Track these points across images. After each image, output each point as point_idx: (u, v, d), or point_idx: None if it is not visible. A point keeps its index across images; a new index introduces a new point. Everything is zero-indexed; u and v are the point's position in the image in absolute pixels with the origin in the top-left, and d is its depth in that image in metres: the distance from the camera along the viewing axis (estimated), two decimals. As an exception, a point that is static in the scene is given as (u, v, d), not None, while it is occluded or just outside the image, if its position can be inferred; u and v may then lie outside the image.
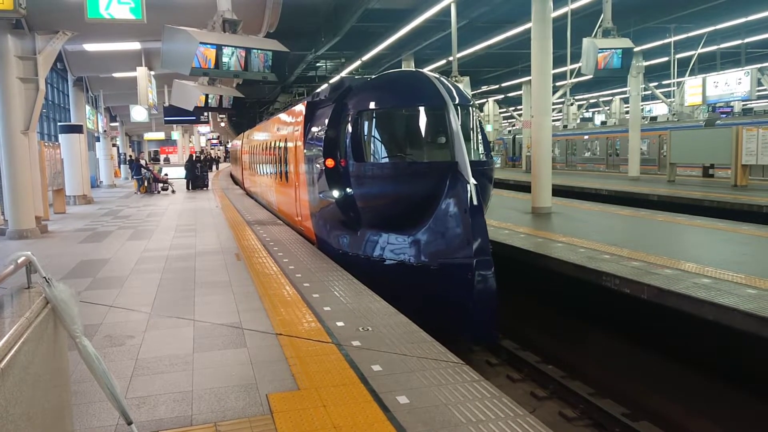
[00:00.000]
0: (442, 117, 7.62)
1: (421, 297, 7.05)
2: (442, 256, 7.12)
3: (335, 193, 8.30)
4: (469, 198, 6.82)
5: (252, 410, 3.77)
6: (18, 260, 2.73)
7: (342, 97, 8.72)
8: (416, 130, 8.15)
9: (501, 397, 3.83)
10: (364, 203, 8.09)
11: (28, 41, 12.34)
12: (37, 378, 2.42)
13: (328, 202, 8.67)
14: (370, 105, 8.20)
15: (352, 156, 8.05)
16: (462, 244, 6.82)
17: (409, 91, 8.28)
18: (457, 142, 7.32)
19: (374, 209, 8.07)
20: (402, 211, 7.65)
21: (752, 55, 31.00)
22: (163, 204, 19.54)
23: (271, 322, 5.62)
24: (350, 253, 8.34)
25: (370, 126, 8.18)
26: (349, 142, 8.11)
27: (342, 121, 8.38)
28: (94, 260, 9.41)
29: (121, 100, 26.99)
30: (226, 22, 8.77)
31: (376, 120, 8.18)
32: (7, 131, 12.03)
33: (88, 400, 3.93)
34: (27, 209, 12.32)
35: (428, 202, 7.31)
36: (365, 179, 8.03)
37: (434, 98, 7.77)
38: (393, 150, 8.28)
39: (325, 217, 9.16)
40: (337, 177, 8.27)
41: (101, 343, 5.18)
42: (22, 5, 9.48)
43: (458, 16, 16.92)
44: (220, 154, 70.92)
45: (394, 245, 7.76)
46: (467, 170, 7.03)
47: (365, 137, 8.15)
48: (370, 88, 8.76)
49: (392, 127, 8.41)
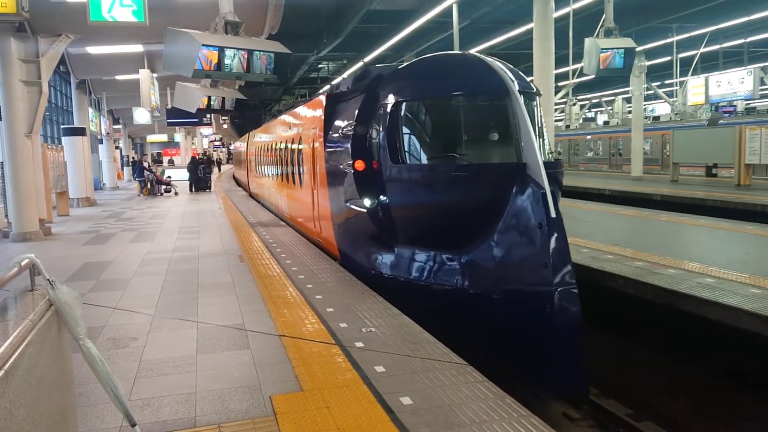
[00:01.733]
0: (503, 108, 6.24)
1: (478, 332, 5.74)
2: (509, 282, 5.66)
3: (366, 202, 6.96)
4: (545, 209, 5.37)
5: (255, 412, 3.77)
6: (21, 263, 2.73)
7: (373, 86, 7.38)
8: (471, 123, 6.71)
9: (505, 398, 3.82)
10: (403, 214, 6.80)
11: (31, 44, 12.38)
12: (41, 380, 2.42)
13: (356, 211, 7.30)
14: (411, 94, 6.83)
15: (389, 156, 6.75)
16: (537, 267, 5.33)
17: (461, 76, 6.73)
18: (525, 139, 5.93)
19: (416, 222, 6.74)
20: (452, 225, 6.31)
21: (755, 54, 30.96)
22: (166, 206, 19.57)
23: (274, 323, 5.62)
24: (386, 274, 6.88)
25: (412, 119, 6.86)
26: (384, 139, 6.81)
27: (374, 114, 7.08)
28: (97, 262, 9.42)
29: (123, 102, 27.06)
30: (228, 24, 8.78)
31: (420, 112, 6.90)
32: (11, 134, 12.07)
33: (92, 402, 3.93)
34: (30, 212, 12.35)
35: (487, 214, 5.92)
36: (405, 185, 6.71)
37: (494, 84, 6.31)
38: (441, 149, 6.75)
39: (353, 230, 7.75)
40: (369, 182, 6.96)
41: (105, 345, 5.19)
42: (25, 8, 9.49)
43: (460, 16, 16.92)
44: (223, 156, 71.00)
45: (443, 267, 6.35)
46: (541, 174, 5.58)
47: (405, 133, 6.81)
48: (411, 74, 7.26)
49: (440, 121, 6.93)
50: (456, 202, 6.22)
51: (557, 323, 5.16)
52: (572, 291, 5.21)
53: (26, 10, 9.56)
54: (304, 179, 10.49)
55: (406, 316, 5.66)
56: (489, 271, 5.91)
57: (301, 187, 10.90)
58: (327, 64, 32.86)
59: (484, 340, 5.62)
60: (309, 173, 9.85)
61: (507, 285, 5.67)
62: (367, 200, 6.97)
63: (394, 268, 6.82)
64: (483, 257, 5.98)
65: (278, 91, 37.89)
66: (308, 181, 9.99)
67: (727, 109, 31.70)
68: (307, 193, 10.20)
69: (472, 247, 6.09)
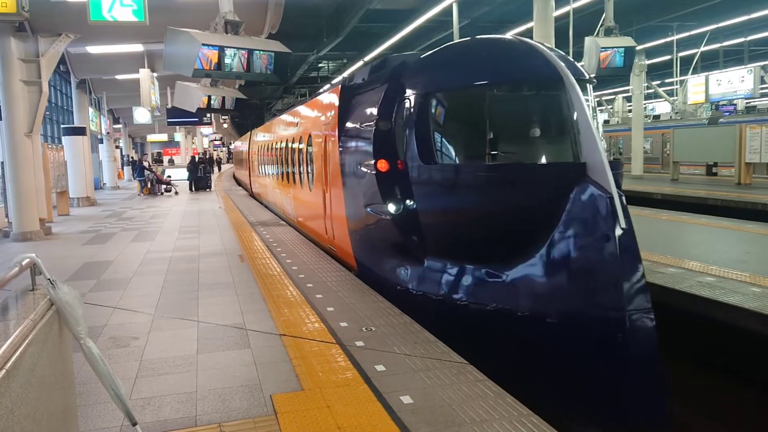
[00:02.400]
0: (556, 98, 5.43)
1: (524, 361, 4.95)
2: (567, 304, 4.79)
3: (391, 207, 6.19)
4: (613, 217, 4.54)
5: (256, 411, 3.77)
6: (22, 262, 2.74)
7: (396, 75, 6.63)
8: (517, 117, 5.87)
9: (505, 397, 3.82)
10: (434, 221, 6.00)
11: (31, 44, 12.39)
12: (42, 379, 2.42)
13: (378, 218, 6.54)
14: (445, 83, 6.02)
15: (418, 155, 5.95)
16: (604, 287, 4.54)
17: (503, 62, 5.83)
18: (586, 134, 5.06)
19: (451, 230, 5.91)
20: (495, 235, 5.47)
21: (755, 53, 30.94)
22: (166, 205, 19.58)
23: (274, 322, 5.62)
24: (414, 290, 6.02)
25: (446, 113, 6.06)
26: (412, 136, 6.02)
27: (399, 108, 6.30)
28: (98, 262, 9.43)
29: (124, 102, 27.08)
30: (228, 23, 8.79)
31: (455, 104, 6.03)
32: (11, 134, 12.07)
33: (93, 402, 3.94)
34: (31, 211, 12.36)
35: (539, 223, 5.05)
36: (437, 188, 5.93)
37: (544, 70, 5.42)
38: (482, 146, 5.81)
39: (373, 239, 6.96)
40: (394, 184, 6.21)
41: (106, 344, 5.19)
42: (25, 8, 9.50)
43: (460, 16, 16.90)
44: (223, 155, 71.02)
45: (484, 284, 5.45)
46: (606, 175, 4.75)
47: (437, 129, 6.01)
48: (443, 61, 6.33)
49: (480, 114, 5.89)
50: (500, 207, 5.38)
51: (630, 354, 4.35)
52: (648, 316, 4.40)
53: (26, 9, 9.57)
54: (314, 180, 9.70)
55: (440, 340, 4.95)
56: (541, 290, 5.00)
57: (310, 189, 10.07)
58: (327, 64, 32.85)
59: (531, 370, 4.87)
60: (320, 174, 9.05)
61: (564, 307, 4.77)
62: (391, 205, 6.19)
63: (423, 284, 5.94)
64: (534, 273, 5.06)
65: (278, 91, 37.89)
66: (319, 183, 9.19)
67: (728, 108, 31.71)
68: (317, 195, 9.41)
69: (519, 261, 5.15)
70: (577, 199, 4.85)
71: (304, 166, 10.55)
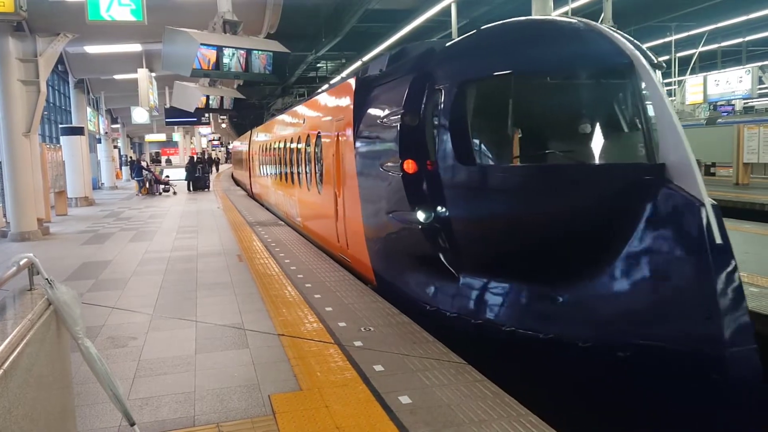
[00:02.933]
0: (625, 87, 4.70)
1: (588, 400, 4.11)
2: (643, 334, 3.92)
3: (419, 214, 5.38)
4: (706, 230, 3.78)
5: (254, 411, 3.77)
6: (20, 262, 2.73)
7: (424, 63, 5.88)
8: (577, 109, 4.98)
9: (504, 397, 3.82)
10: (473, 231, 5.16)
11: (29, 43, 12.38)
12: (40, 380, 2.42)
13: (403, 226, 5.82)
14: (487, 71, 5.11)
15: (453, 155, 5.12)
16: (694, 316, 3.75)
17: (561, 45, 4.91)
18: (667, 129, 4.24)
19: (493, 242, 5.01)
20: (549, 248, 4.60)
21: (753, 53, 31.01)
22: (164, 205, 19.56)
23: (273, 322, 5.62)
24: (447, 312, 5.12)
25: (488, 105, 5.20)
26: (447, 132, 5.23)
27: (430, 100, 5.52)
28: (96, 262, 9.42)
29: (122, 101, 27.07)
30: (227, 23, 8.80)
31: (501, 94, 5.04)
32: (9, 133, 12.06)
33: (91, 402, 3.93)
34: (29, 211, 12.35)
35: (605, 234, 4.25)
36: (477, 192, 5.09)
37: (611, 54, 4.61)
38: (534, 144, 4.98)
39: (397, 250, 6.15)
40: (423, 188, 5.43)
41: (104, 344, 5.18)
42: (23, 8, 9.49)
43: (459, 16, 16.91)
44: (221, 155, 70.99)
45: (537, 308, 4.58)
46: (695, 179, 3.96)
47: (477, 124, 5.16)
48: (483, 46, 5.45)
49: (530, 106, 5.09)
50: (557, 216, 4.56)
51: (730, 398, 3.59)
52: (752, 352, 3.60)
53: (24, 9, 9.56)
54: (323, 182, 8.96)
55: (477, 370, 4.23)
56: (609, 317, 4.13)
57: (319, 191, 9.31)
58: (326, 64, 32.85)
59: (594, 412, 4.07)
60: (331, 175, 8.28)
61: (642, 338, 3.91)
62: (420, 212, 5.38)
63: (459, 304, 5.08)
64: (599, 296, 4.20)
65: (277, 91, 37.89)
66: (329, 185, 8.43)
67: (726, 108, 31.76)
68: (326, 198, 8.63)
69: (583, 279, 4.31)
70: (658, 207, 4.04)
71: (312, 166, 9.89)
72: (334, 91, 8.91)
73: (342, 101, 7.90)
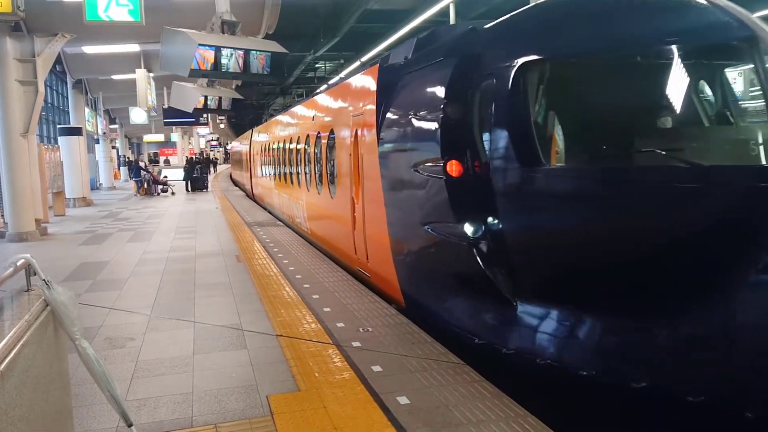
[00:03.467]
0: (746, 68, 4.01)
1: None
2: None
3: (467, 227, 4.47)
4: None
5: (252, 411, 3.76)
6: (17, 263, 2.73)
7: (467, 44, 5.02)
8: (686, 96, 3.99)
9: (502, 397, 3.82)
10: (537, 249, 4.17)
11: (27, 44, 12.38)
12: (37, 381, 2.41)
13: (442, 239, 4.88)
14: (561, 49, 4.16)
15: (513, 153, 4.16)
16: None
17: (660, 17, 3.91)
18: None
19: (564, 263, 4.02)
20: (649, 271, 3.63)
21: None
22: (162, 206, 19.54)
23: (271, 323, 5.61)
24: (502, 348, 4.23)
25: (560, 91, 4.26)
26: (503, 125, 4.27)
27: (479, 87, 4.52)
28: (94, 262, 9.40)
29: (120, 102, 27.06)
30: (225, 23, 8.80)
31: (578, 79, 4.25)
32: (7, 134, 12.06)
33: (89, 403, 3.93)
34: (26, 212, 12.34)
35: (721, 255, 3.41)
36: (546, 200, 4.08)
37: (730, 28, 3.73)
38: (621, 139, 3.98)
39: (434, 268, 5.26)
40: (472, 194, 4.47)
41: (101, 345, 5.17)
42: (21, 8, 9.49)
43: (457, 16, 16.91)
44: (220, 155, 70.98)
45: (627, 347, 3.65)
46: None
47: (545, 116, 4.19)
48: (553, 19, 4.47)
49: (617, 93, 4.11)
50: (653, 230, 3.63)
51: None
52: None
53: (22, 9, 9.56)
54: (337, 185, 8.11)
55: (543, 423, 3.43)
56: (732, 365, 3.24)
57: (332, 195, 8.43)
58: (324, 64, 32.81)
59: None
60: (347, 177, 7.48)
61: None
62: (468, 224, 4.47)
63: (518, 339, 4.17)
64: (721, 334, 3.29)
65: (276, 90, 37.88)
66: (345, 188, 7.59)
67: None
68: (341, 204, 7.78)
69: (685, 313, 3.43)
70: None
71: (323, 167, 9.07)
72: (350, 83, 7.98)
73: (361, 94, 7.07)
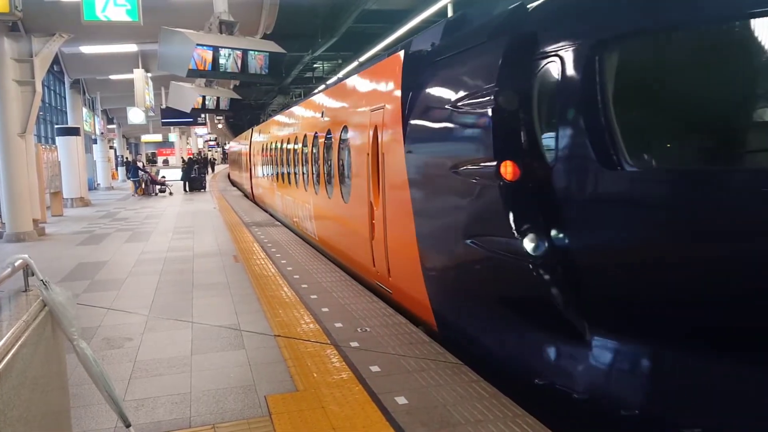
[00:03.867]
0: None
1: None
2: None
3: (527, 242, 3.70)
4: None
5: (250, 412, 3.76)
6: (15, 263, 2.72)
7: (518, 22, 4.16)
8: None
9: (500, 397, 3.82)
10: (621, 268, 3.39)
11: (25, 44, 12.36)
12: (35, 381, 2.41)
13: (492, 256, 4.09)
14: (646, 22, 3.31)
15: (593, 152, 3.34)
16: None
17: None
18: None
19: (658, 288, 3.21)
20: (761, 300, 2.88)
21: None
22: (160, 206, 19.53)
23: (269, 323, 5.61)
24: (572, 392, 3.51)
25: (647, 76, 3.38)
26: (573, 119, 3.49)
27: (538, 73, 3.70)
28: (91, 263, 9.39)
29: (118, 102, 27.01)
30: (223, 23, 8.79)
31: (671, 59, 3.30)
32: (4, 134, 12.04)
33: (87, 403, 3.92)
34: (24, 212, 12.32)
35: None
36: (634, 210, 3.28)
37: None
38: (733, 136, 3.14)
39: (481, 290, 4.47)
40: (533, 202, 3.72)
41: (99, 345, 5.17)
42: (18, 8, 9.48)
43: (455, 16, 16.92)
44: (218, 155, 70.94)
45: (753, 396, 2.96)
46: None
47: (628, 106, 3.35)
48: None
49: (735, 76, 3.11)
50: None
51: None
52: None
53: (19, 9, 9.55)
54: (351, 188, 7.41)
55: None
56: None
57: (345, 199, 7.69)
58: (322, 64, 32.79)
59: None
60: (364, 179, 6.73)
61: None
62: (528, 239, 3.69)
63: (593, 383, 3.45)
64: None
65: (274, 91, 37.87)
66: (361, 192, 6.88)
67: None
68: (357, 210, 7.05)
69: None
70: None
71: (334, 168, 8.24)
72: (366, 74, 7.11)
73: (381, 85, 6.27)
